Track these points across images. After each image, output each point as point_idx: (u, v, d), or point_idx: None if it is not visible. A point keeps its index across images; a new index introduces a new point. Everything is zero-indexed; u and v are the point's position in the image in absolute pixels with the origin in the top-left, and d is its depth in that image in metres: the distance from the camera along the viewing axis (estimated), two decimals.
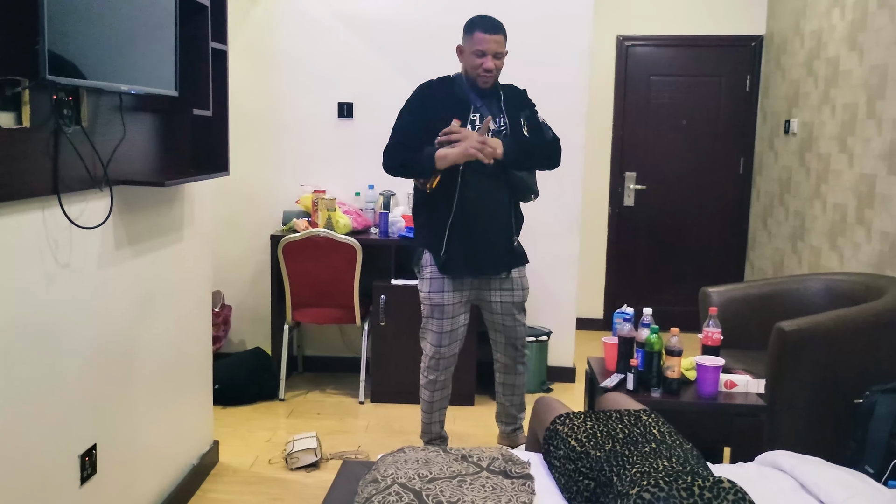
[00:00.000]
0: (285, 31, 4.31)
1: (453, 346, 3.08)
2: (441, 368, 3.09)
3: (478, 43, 2.86)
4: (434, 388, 3.13)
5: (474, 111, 2.93)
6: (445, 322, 3.03)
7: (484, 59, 2.86)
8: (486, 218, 2.97)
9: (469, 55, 2.90)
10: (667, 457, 1.73)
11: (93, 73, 1.89)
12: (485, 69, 2.87)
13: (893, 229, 3.36)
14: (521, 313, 3.13)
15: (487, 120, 2.86)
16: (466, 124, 2.89)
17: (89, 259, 2.14)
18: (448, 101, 2.94)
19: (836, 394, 2.81)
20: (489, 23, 2.88)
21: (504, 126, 2.95)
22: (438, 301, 3.01)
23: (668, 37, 5.36)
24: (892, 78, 3.44)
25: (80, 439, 2.12)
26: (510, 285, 3.08)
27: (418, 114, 2.96)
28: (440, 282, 3.00)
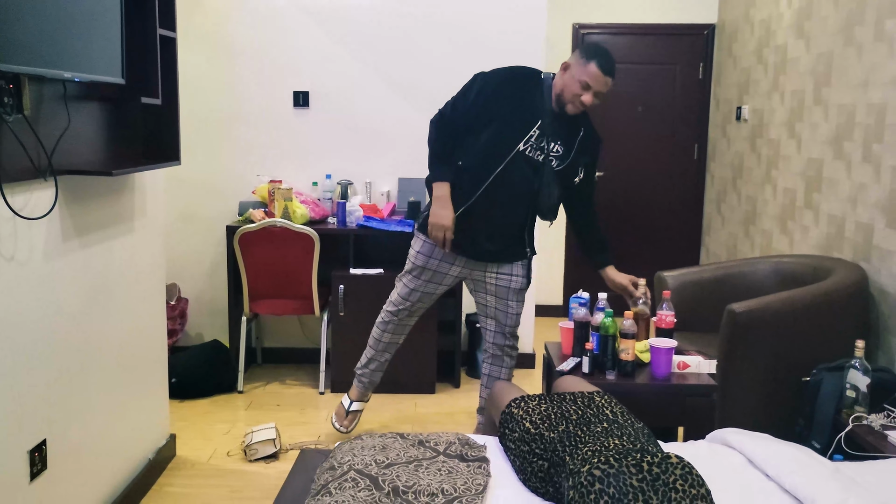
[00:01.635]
0: (239, 20, 4.25)
1: (420, 305, 3.12)
2: (399, 319, 3.14)
3: (590, 76, 2.74)
4: (385, 328, 3.19)
5: (539, 127, 2.82)
6: (420, 283, 3.04)
7: (587, 92, 2.76)
8: (500, 224, 2.94)
9: (573, 80, 2.76)
10: (618, 435, 1.76)
11: (34, 59, 1.84)
12: (582, 102, 2.77)
13: (840, 212, 3.46)
14: (515, 301, 3.06)
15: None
16: (523, 137, 2.81)
17: (35, 251, 2.09)
18: (521, 103, 2.84)
19: (785, 372, 2.89)
20: (609, 63, 2.78)
21: (557, 154, 2.87)
22: (422, 263, 3.01)
23: (623, 25, 5.42)
24: (838, 65, 3.53)
25: (29, 435, 2.08)
26: (509, 270, 3.02)
27: (483, 99, 2.84)
28: (433, 247, 2.99)
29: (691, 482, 1.51)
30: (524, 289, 3.06)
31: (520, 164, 2.84)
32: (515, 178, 2.85)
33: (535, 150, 2.85)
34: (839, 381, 2.67)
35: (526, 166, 2.85)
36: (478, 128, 2.86)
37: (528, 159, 2.85)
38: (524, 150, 2.83)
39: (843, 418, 2.59)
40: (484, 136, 2.85)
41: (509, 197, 2.89)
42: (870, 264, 3.16)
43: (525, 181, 2.86)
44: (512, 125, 2.83)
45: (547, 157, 2.86)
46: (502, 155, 2.83)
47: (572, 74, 2.78)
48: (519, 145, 2.82)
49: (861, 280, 3.07)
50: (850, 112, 3.39)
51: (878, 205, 3.13)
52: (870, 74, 3.23)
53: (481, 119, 2.84)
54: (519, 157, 2.83)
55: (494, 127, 2.83)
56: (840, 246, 3.44)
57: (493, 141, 2.84)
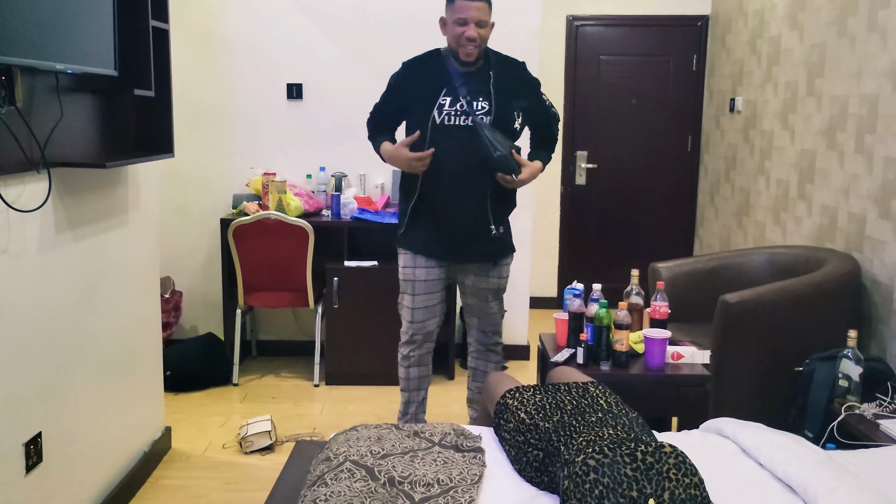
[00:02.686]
0: (232, 12, 4.23)
1: (428, 323, 3.01)
2: (416, 343, 3.03)
3: (459, 10, 2.70)
4: (409, 363, 3.07)
5: (446, 93, 2.77)
6: (417, 298, 2.97)
7: (466, 27, 2.69)
8: (455, 203, 2.84)
9: (451, 25, 2.75)
10: (612, 425, 1.77)
11: (26, 51, 1.83)
12: (467, 38, 2.70)
13: (832, 203, 3.47)
14: (495, 300, 3.06)
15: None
16: (432, 108, 2.76)
17: (29, 243, 2.09)
18: (424, 81, 2.81)
19: (778, 362, 2.91)
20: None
21: (484, 110, 2.77)
22: (409, 277, 2.96)
23: (617, 17, 5.42)
24: (831, 56, 3.53)
25: (24, 427, 2.08)
26: (487, 271, 2.99)
27: (395, 94, 2.89)
28: (411, 258, 2.95)
29: (685, 471, 1.52)
30: (502, 289, 3.06)
31: (446, 135, 2.78)
32: (448, 152, 2.77)
33: (459, 116, 2.77)
34: (832, 371, 2.69)
35: (457, 134, 2.77)
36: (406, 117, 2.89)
37: (454, 129, 2.77)
38: (442, 119, 2.77)
39: (835, 407, 2.61)
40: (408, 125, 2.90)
41: (452, 173, 2.80)
42: (862, 255, 3.18)
43: (461, 150, 2.77)
44: (420, 103, 2.80)
45: (476, 117, 2.76)
46: (422, 133, 2.79)
47: (449, 23, 2.76)
48: (433, 116, 2.77)
49: (853, 270, 3.08)
50: (842, 103, 3.40)
51: (870, 195, 3.14)
52: (863, 65, 3.23)
53: (402, 110, 2.89)
54: (439, 129, 2.78)
55: (409, 113, 2.87)
56: (833, 236, 3.45)
57: (411, 126, 2.87)
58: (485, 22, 2.73)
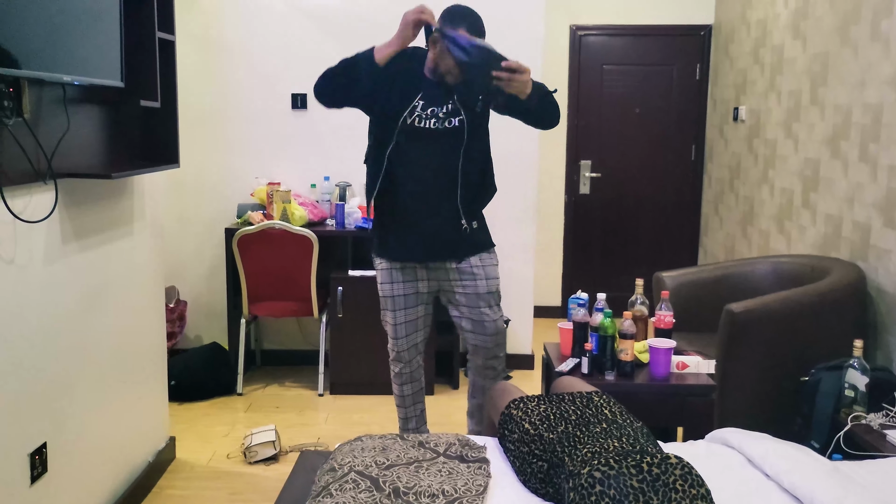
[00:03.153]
0: (237, 21, 4.26)
1: (412, 338, 2.90)
2: (404, 361, 2.93)
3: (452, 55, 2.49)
4: (401, 381, 2.98)
5: (422, 97, 2.63)
6: (398, 314, 2.85)
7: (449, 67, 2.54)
8: (423, 203, 2.70)
9: (445, 52, 2.51)
10: (617, 436, 1.77)
11: (34, 63, 1.84)
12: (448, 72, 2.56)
13: (837, 212, 3.47)
14: (488, 307, 2.81)
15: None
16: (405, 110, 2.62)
17: (35, 254, 2.10)
18: (403, 76, 2.64)
19: (784, 372, 2.90)
20: (477, 23, 2.55)
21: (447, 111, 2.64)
22: (388, 293, 2.84)
23: (620, 26, 5.43)
24: (834, 65, 3.54)
25: (29, 437, 2.08)
26: (471, 275, 2.78)
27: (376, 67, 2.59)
28: (388, 272, 2.83)
29: (691, 482, 1.52)
30: (493, 293, 2.82)
31: (414, 137, 2.65)
32: (413, 153, 2.66)
33: (429, 119, 2.64)
34: (838, 381, 2.68)
35: (426, 137, 2.65)
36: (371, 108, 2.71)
37: (423, 132, 2.65)
38: (413, 121, 2.63)
39: (841, 418, 2.60)
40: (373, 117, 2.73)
41: (418, 176, 2.68)
42: (867, 263, 3.17)
43: (428, 152, 2.66)
44: (394, 101, 2.64)
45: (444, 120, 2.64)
46: (389, 133, 2.65)
47: (443, 48, 2.51)
48: (404, 117, 2.63)
49: (859, 279, 3.08)
50: (846, 112, 3.40)
51: (875, 204, 3.14)
52: (866, 74, 3.24)
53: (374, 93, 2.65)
54: (408, 129, 2.64)
55: (380, 106, 2.67)
56: (837, 245, 3.45)
57: (379, 121, 2.69)
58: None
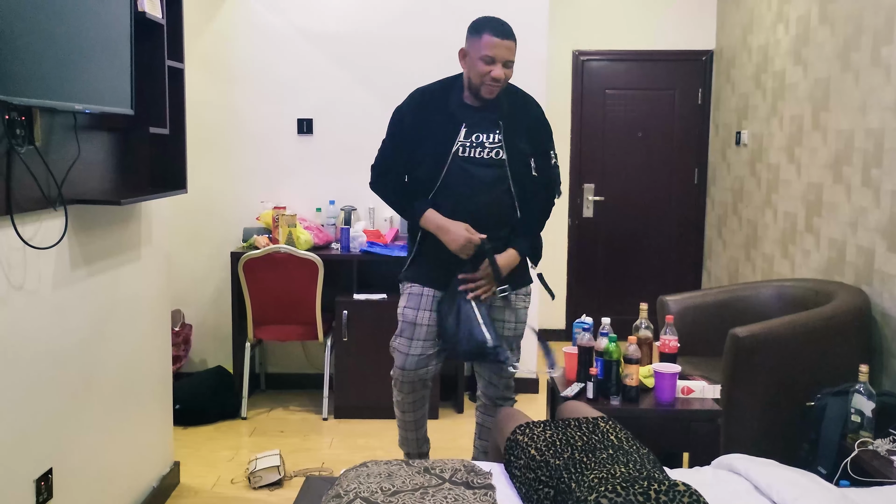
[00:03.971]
0: (243, 46, 4.31)
1: (421, 372, 2.72)
2: (406, 391, 2.76)
3: (487, 48, 2.49)
4: (403, 408, 2.83)
5: (465, 126, 2.60)
6: (414, 344, 2.69)
7: (493, 66, 2.51)
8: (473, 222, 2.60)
9: (475, 61, 2.52)
10: (624, 462, 1.77)
11: (46, 92, 1.87)
12: (493, 78, 2.52)
13: (840, 236, 3.48)
14: (510, 350, 2.75)
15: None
16: (453, 147, 2.59)
17: (44, 280, 2.11)
18: (440, 111, 2.61)
19: (789, 397, 2.89)
20: (501, 27, 2.53)
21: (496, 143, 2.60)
22: (410, 318, 2.69)
23: (622, 51, 5.48)
24: (835, 90, 3.57)
25: (35, 463, 2.08)
26: (504, 315, 2.73)
27: (409, 128, 2.64)
28: (417, 298, 2.69)
29: None
30: (519, 336, 2.81)
31: (462, 168, 2.60)
32: (463, 186, 2.60)
33: (475, 148, 2.60)
34: (844, 406, 2.67)
35: (472, 169, 2.60)
36: (415, 159, 2.66)
37: (470, 161, 2.60)
38: (458, 150, 2.59)
39: (848, 443, 2.59)
40: (416, 158, 2.66)
41: (467, 209, 2.61)
42: (871, 288, 3.18)
43: (479, 184, 2.60)
44: (437, 136, 2.60)
45: (490, 151, 2.61)
46: (439, 165, 2.59)
47: (472, 57, 2.54)
48: (453, 148, 2.58)
49: (863, 304, 3.08)
50: (848, 137, 3.42)
51: (878, 229, 3.15)
52: (867, 99, 3.26)
53: (413, 147, 2.64)
54: (458, 161, 2.60)
55: (423, 145, 2.62)
56: (841, 270, 3.45)
57: (427, 160, 2.63)
58: (511, 62, 2.56)
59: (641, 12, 5.42)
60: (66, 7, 1.94)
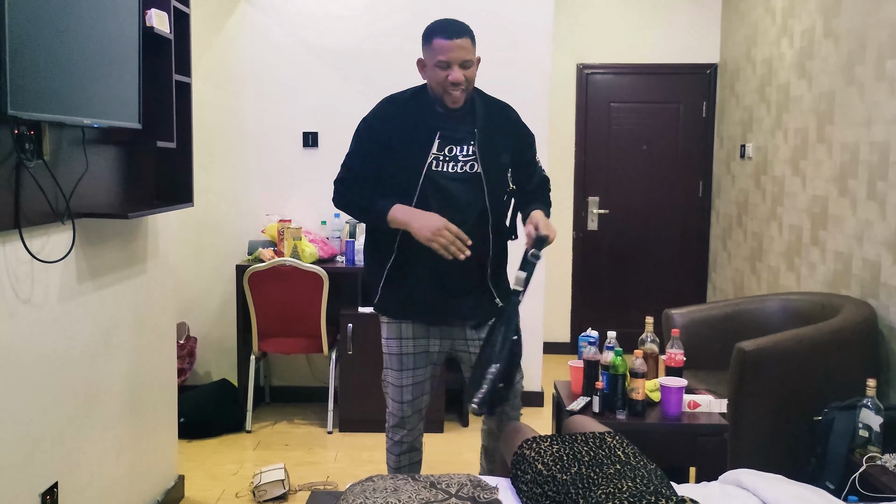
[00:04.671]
0: (250, 59, 4.33)
1: (417, 402, 2.57)
2: (407, 427, 2.58)
3: (439, 52, 2.30)
4: (400, 450, 2.62)
5: (438, 137, 2.37)
6: (405, 375, 2.52)
7: (449, 70, 2.30)
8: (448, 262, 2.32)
9: (431, 69, 2.34)
10: (631, 477, 1.76)
11: (55, 107, 1.89)
12: (451, 83, 2.31)
13: (846, 249, 3.47)
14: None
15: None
16: (428, 152, 2.36)
17: (51, 293, 2.12)
18: (414, 120, 2.40)
19: (796, 411, 2.88)
20: (450, 26, 2.34)
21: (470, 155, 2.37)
22: (395, 350, 2.51)
23: (627, 65, 5.50)
24: (840, 103, 3.57)
25: (41, 477, 2.08)
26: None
27: (378, 137, 2.41)
28: (397, 327, 2.50)
29: None
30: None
31: (437, 184, 2.37)
32: (439, 202, 2.36)
33: (448, 162, 2.38)
34: (851, 421, 2.66)
35: (448, 184, 2.38)
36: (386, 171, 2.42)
37: (444, 176, 2.37)
38: (432, 163, 2.36)
39: (856, 458, 2.58)
40: (386, 173, 2.41)
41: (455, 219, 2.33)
42: (878, 301, 3.17)
43: (454, 201, 2.37)
44: (410, 147, 2.38)
45: (465, 164, 2.39)
46: (412, 180, 2.35)
47: (428, 65, 2.37)
48: (427, 161, 2.36)
49: (870, 317, 3.07)
50: (853, 150, 3.43)
51: (884, 242, 3.14)
52: (872, 113, 3.27)
53: (381, 159, 2.41)
54: (432, 176, 2.37)
55: (395, 159, 2.39)
56: (847, 283, 3.44)
57: (397, 173, 2.38)
58: (470, 62, 2.33)
59: (645, 26, 5.44)
60: (75, 23, 1.96)
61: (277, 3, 4.31)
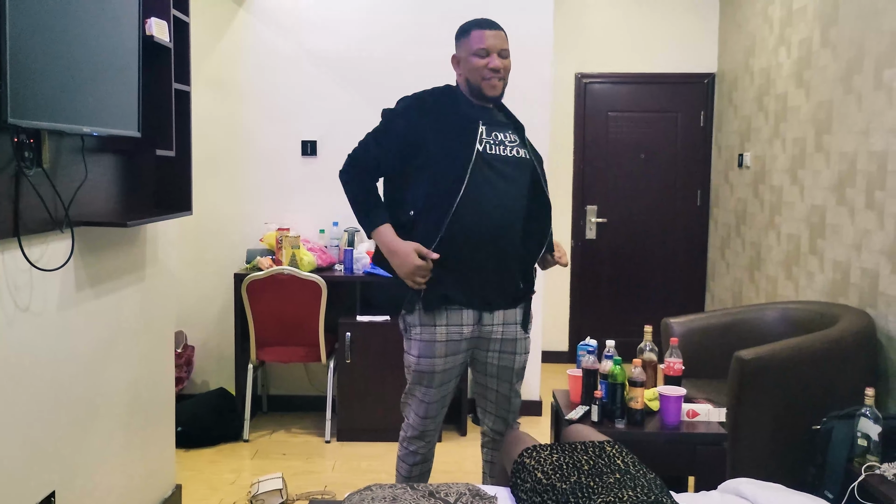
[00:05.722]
0: (248, 67, 4.35)
1: (440, 415, 2.61)
2: (426, 440, 2.61)
3: (477, 41, 2.40)
4: (414, 460, 2.62)
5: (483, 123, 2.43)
6: (433, 392, 2.52)
7: (489, 58, 2.39)
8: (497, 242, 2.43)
9: (469, 59, 2.42)
10: (631, 486, 1.75)
11: (55, 115, 1.89)
12: (491, 69, 2.39)
13: (845, 258, 3.48)
14: (518, 381, 2.64)
15: None
16: (476, 144, 2.38)
17: (49, 302, 2.12)
18: (452, 111, 2.45)
19: (795, 420, 2.88)
20: (486, 20, 2.46)
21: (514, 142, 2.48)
22: (428, 368, 2.48)
23: (625, 74, 5.52)
24: (838, 113, 3.58)
25: (39, 486, 2.07)
26: (513, 347, 2.56)
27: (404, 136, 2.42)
28: (431, 346, 2.46)
29: None
30: (524, 368, 2.65)
31: (487, 170, 2.40)
32: (489, 190, 2.39)
33: (498, 146, 2.44)
34: (850, 430, 2.65)
35: (499, 168, 2.42)
36: (413, 163, 2.43)
37: (497, 159, 2.42)
38: (485, 148, 2.41)
39: (855, 467, 2.57)
40: (427, 164, 2.41)
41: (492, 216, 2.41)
42: (876, 311, 3.17)
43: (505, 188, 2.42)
44: (453, 135, 2.40)
45: (512, 149, 2.46)
46: (461, 166, 2.35)
47: (466, 57, 2.45)
48: (476, 146, 2.38)
49: (868, 326, 3.07)
50: (851, 159, 3.44)
51: (883, 251, 3.15)
52: (870, 122, 3.28)
53: (411, 152, 2.42)
54: (487, 159, 2.40)
55: (436, 147, 2.39)
56: (846, 292, 3.45)
57: (442, 160, 2.38)
58: (507, 51, 2.44)
59: (643, 35, 5.47)
60: (75, 31, 1.97)
61: (276, 13, 4.33)
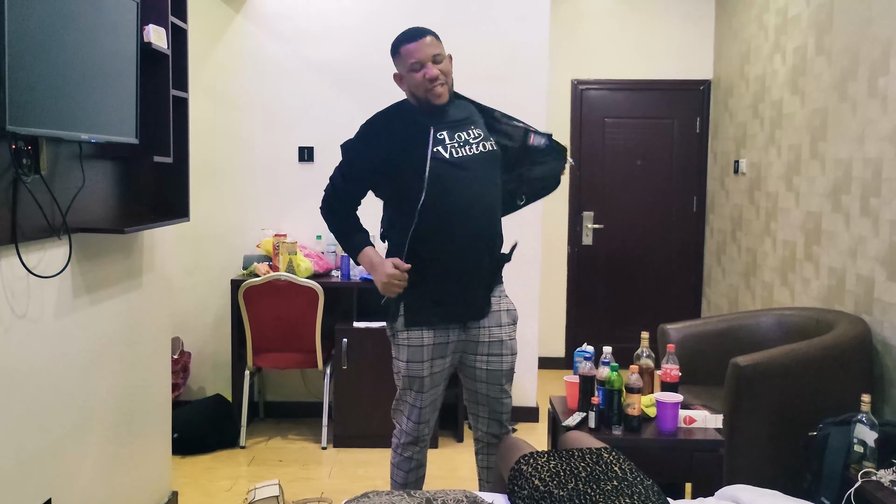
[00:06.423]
0: (245, 75, 4.35)
1: (433, 419, 2.64)
2: (420, 444, 2.64)
3: (409, 56, 2.42)
4: (409, 466, 2.64)
5: (437, 133, 2.44)
6: (425, 396, 2.55)
7: (424, 69, 2.40)
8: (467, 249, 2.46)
9: (408, 76, 2.45)
10: (628, 494, 1.76)
11: (53, 122, 1.89)
12: (429, 78, 2.40)
13: (840, 265, 3.49)
14: (508, 383, 2.65)
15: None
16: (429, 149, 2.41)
17: (46, 308, 2.11)
18: (406, 125, 2.48)
19: (792, 427, 2.88)
20: (411, 31, 2.46)
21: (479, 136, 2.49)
22: (417, 373, 2.51)
23: (621, 81, 5.54)
24: (833, 120, 3.60)
25: (35, 493, 2.07)
26: (499, 349, 2.58)
27: (370, 151, 2.49)
28: (419, 351, 2.50)
29: None
30: (514, 370, 2.67)
31: (458, 172, 2.42)
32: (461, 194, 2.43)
33: (458, 146, 2.45)
34: (846, 436, 2.66)
35: (473, 169, 2.45)
36: (381, 185, 2.55)
37: (463, 162, 2.44)
38: (437, 152, 2.42)
39: (851, 474, 2.58)
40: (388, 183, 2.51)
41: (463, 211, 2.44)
42: (872, 317, 3.18)
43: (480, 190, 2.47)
44: (408, 147, 2.44)
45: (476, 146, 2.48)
46: (419, 177, 2.39)
47: (404, 73, 2.47)
48: (429, 150, 2.41)
49: (864, 333, 3.08)
50: (846, 166, 3.45)
51: (878, 258, 3.16)
52: (865, 129, 3.29)
53: (375, 177, 2.52)
54: (448, 167, 2.41)
55: (393, 166, 2.45)
56: (841, 298, 3.46)
57: (399, 176, 2.44)
58: (440, 55, 2.44)
59: (639, 42, 5.49)
60: (73, 39, 1.97)
61: (274, 20, 4.34)
